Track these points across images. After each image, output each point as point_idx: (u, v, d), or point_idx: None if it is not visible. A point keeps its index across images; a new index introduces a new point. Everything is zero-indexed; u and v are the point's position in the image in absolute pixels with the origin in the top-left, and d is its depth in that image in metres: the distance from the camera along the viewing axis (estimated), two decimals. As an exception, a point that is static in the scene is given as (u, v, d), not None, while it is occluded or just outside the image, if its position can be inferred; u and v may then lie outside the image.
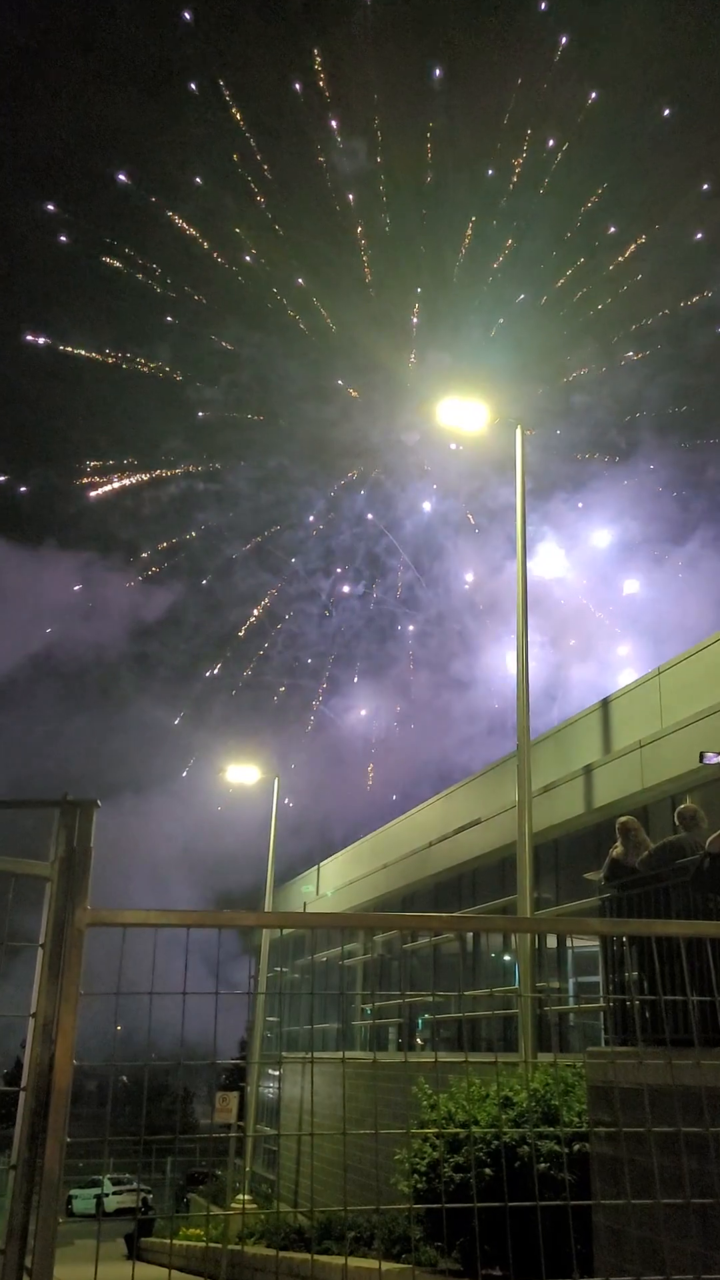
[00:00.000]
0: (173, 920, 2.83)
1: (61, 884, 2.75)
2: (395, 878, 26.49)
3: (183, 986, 2.97)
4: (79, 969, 2.65)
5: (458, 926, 19.89)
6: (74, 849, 2.79)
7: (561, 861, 18.76)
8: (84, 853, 2.79)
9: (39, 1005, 2.65)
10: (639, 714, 16.83)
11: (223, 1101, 22.59)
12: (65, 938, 2.68)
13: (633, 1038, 7.59)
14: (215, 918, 3.07)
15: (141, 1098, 54.70)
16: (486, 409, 16.42)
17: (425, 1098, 10.46)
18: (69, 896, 2.74)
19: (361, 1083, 17.98)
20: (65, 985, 2.64)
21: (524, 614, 15.44)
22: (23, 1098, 2.59)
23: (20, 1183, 2.53)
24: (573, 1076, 9.57)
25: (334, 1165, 19.76)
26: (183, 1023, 2.89)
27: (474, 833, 21.68)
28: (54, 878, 2.76)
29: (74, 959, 2.66)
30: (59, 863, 2.77)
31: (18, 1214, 2.51)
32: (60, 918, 2.71)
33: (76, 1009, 2.62)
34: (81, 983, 2.66)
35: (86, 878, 2.76)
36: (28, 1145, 2.54)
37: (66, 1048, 2.58)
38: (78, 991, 2.63)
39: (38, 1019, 2.63)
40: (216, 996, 3.03)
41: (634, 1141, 6.17)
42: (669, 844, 9.00)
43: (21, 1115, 2.58)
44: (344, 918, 11.90)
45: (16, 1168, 2.53)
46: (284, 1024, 35.84)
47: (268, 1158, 31.53)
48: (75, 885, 2.74)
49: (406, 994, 24.02)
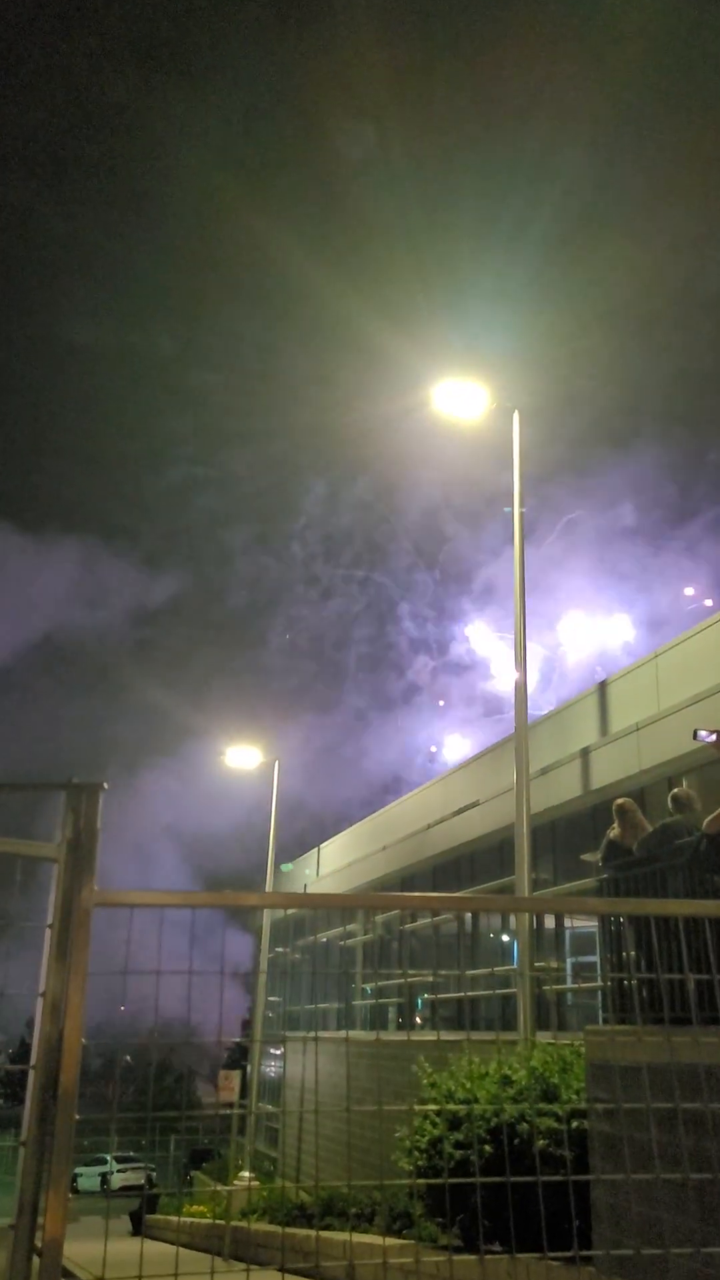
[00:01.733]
0: (179, 900, 2.87)
1: (69, 865, 2.79)
2: (394, 859, 26.63)
3: (188, 965, 3.01)
4: (87, 949, 2.69)
5: (461, 906, 20.01)
6: (80, 831, 2.83)
7: (559, 843, 18.86)
8: (90, 834, 2.83)
9: (48, 984, 2.69)
10: (637, 697, 16.89)
11: (225, 1080, 22.81)
12: (73, 918, 2.72)
13: (631, 1016, 7.67)
14: (221, 898, 3.12)
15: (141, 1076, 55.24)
16: (486, 393, 16.34)
17: (425, 1076, 10.57)
18: (76, 877, 2.77)
19: (363, 1061, 18.14)
20: (73, 965, 2.68)
21: (521, 598, 15.47)
22: (32, 1075, 2.63)
23: (30, 1159, 2.58)
24: (571, 1054, 9.67)
25: (335, 1143, 19.95)
26: (189, 1002, 2.93)
27: (472, 815, 21.78)
28: (61, 859, 2.79)
29: (81, 939, 2.70)
30: (66, 844, 2.81)
31: (28, 1190, 2.56)
32: (68, 898, 2.75)
33: (85, 988, 2.66)
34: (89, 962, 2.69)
35: (93, 859, 2.80)
36: (38, 1122, 2.59)
37: (75, 1026, 2.63)
38: (86, 971, 2.68)
39: (47, 998, 2.68)
40: (221, 976, 3.07)
41: (631, 1118, 6.25)
42: (666, 826, 9.06)
43: (31, 1093, 2.63)
44: (346, 898, 11.99)
45: (27, 1144, 2.58)
46: (286, 1003, 36.09)
47: (269, 1135, 31.83)
48: (82, 866, 2.78)
49: (408, 974, 24.18)
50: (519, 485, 15.99)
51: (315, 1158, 21.24)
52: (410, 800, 27.98)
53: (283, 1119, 29.32)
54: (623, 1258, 6.43)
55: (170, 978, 2.99)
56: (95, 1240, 2.60)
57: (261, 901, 2.98)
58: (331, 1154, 19.92)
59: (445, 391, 16.55)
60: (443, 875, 23.86)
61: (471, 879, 22.10)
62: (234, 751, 33.32)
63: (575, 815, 18.21)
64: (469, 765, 24.30)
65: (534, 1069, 9.61)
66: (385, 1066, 16.13)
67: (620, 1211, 6.98)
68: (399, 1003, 25.00)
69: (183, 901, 2.89)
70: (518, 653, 15.28)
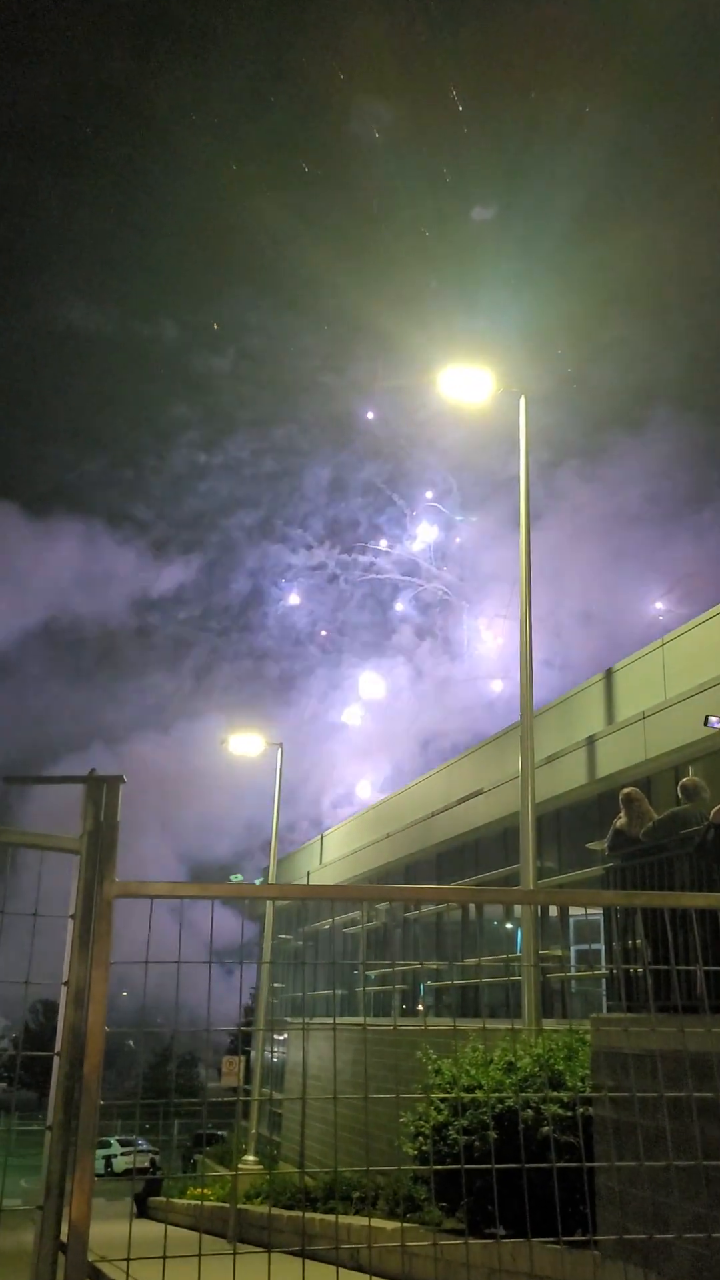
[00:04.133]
0: (197, 892, 2.92)
1: (89, 857, 2.83)
2: (398, 847, 26.73)
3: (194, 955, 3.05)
4: (109, 939, 2.73)
5: (473, 898, 20.07)
6: (101, 823, 2.86)
7: (564, 831, 18.93)
8: (111, 827, 2.86)
9: (71, 973, 2.74)
10: (643, 685, 16.90)
11: (229, 1065, 22.96)
12: (94, 909, 2.77)
13: (636, 1004, 7.72)
14: (238, 889, 3.16)
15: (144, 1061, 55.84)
16: (491, 378, 16.30)
17: (430, 1062, 10.65)
18: (97, 869, 2.81)
19: (366, 1048, 18.24)
20: (95, 954, 2.73)
21: (527, 585, 15.47)
22: (57, 1062, 2.68)
23: (56, 1143, 2.63)
24: (576, 1042, 9.73)
25: (339, 1128, 20.10)
26: (209, 991, 2.97)
27: (476, 803, 21.85)
28: (82, 851, 2.83)
29: (103, 929, 2.74)
30: (87, 836, 2.85)
31: (54, 1174, 2.61)
32: (89, 889, 2.79)
33: (107, 977, 2.71)
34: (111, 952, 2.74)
35: (113, 851, 2.84)
36: (62, 1107, 2.64)
37: (99, 1014, 2.68)
38: (108, 960, 2.72)
39: (70, 987, 2.72)
40: (241, 965, 3.11)
41: (635, 1105, 6.31)
42: (674, 815, 9.10)
43: (56, 1079, 2.68)
44: (359, 890, 12.03)
45: (53, 1129, 2.63)
46: (288, 990, 36.29)
47: (272, 1120, 32.07)
48: (103, 858, 2.82)
49: (396, 965, 24.30)
50: (525, 470, 15.98)
51: (335, 1143, 21.39)
52: (414, 788, 28.06)
53: (284, 1104, 29.53)
54: (625, 1242, 6.50)
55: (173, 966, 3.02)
56: (98, 1222, 2.64)
57: (280, 893, 3.01)
58: (333, 1138, 20.06)
59: (451, 376, 16.51)
60: (447, 863, 23.96)
61: (476, 867, 22.18)
62: (237, 739, 33.20)
63: (581, 804, 18.26)
64: (474, 753, 24.35)
65: (539, 1056, 9.68)
66: (391, 1053, 16.23)
67: (625, 1197, 7.05)
68: (402, 990, 25.14)
69: (200, 893, 2.93)
70: (523, 640, 15.29)
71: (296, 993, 34.72)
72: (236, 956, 3.74)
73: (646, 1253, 6.43)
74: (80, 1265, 2.58)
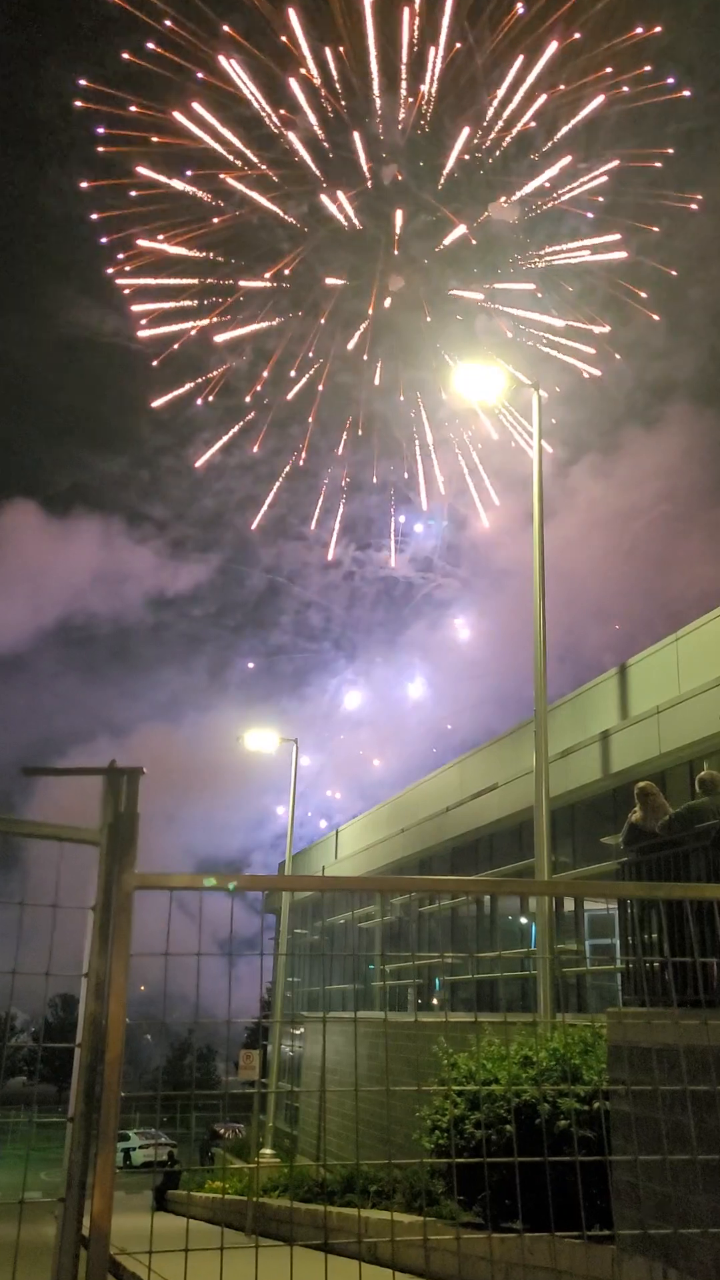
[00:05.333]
0: (217, 883, 2.91)
1: (110, 849, 2.83)
2: (412, 842, 26.71)
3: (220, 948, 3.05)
4: (129, 930, 2.73)
5: (491, 889, 20.04)
6: (121, 815, 2.86)
7: (579, 826, 18.88)
8: (130, 819, 2.86)
9: (91, 965, 2.74)
10: (657, 679, 16.83)
11: (246, 1059, 23.01)
12: (114, 900, 2.76)
13: (654, 998, 7.70)
14: (256, 881, 3.16)
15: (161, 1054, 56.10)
16: (504, 375, 16.25)
17: (445, 1056, 10.65)
18: (117, 860, 2.81)
19: (382, 1042, 18.28)
20: (115, 946, 2.73)
21: (541, 579, 15.42)
22: (78, 1053, 2.69)
23: (78, 1135, 2.63)
24: (591, 1036, 9.71)
25: (353, 1121, 20.13)
26: (229, 984, 2.97)
27: (491, 797, 21.81)
28: (103, 843, 2.83)
29: (123, 921, 2.74)
30: (107, 828, 2.85)
31: (76, 1165, 2.61)
32: (109, 881, 2.79)
33: (128, 969, 2.71)
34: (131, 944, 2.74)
35: (134, 843, 2.83)
36: (84, 1099, 2.64)
37: (119, 1006, 2.68)
38: (128, 952, 2.72)
39: (91, 979, 2.72)
40: (263, 958, 3.10)
41: (651, 1099, 6.29)
42: (690, 808, 9.06)
43: (77, 1071, 2.68)
44: (376, 881, 12.04)
45: (74, 1120, 2.64)
46: (305, 985, 36.36)
47: (289, 1114, 32.15)
48: (123, 850, 2.82)
49: (416, 956, 24.31)
50: (539, 465, 15.92)
51: (358, 1136, 21.45)
52: (428, 783, 28.03)
53: (301, 1097, 29.60)
54: (643, 1237, 6.49)
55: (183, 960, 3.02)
56: (117, 1215, 2.64)
57: (298, 884, 3.03)
58: (350, 1132, 20.11)
59: (465, 373, 16.49)
60: (461, 858, 23.93)
61: (490, 861, 22.15)
62: (252, 735, 33.24)
63: (595, 798, 18.20)
64: (487, 748, 24.31)
65: (555, 1050, 9.66)
66: (406, 1047, 16.25)
67: (641, 1191, 7.04)
68: (417, 984, 25.15)
69: (221, 884, 2.93)
70: (536, 635, 15.24)
71: (313, 987, 34.78)
72: (252, 949, 3.74)
73: (665, 1247, 6.42)
74: (102, 1259, 2.59)
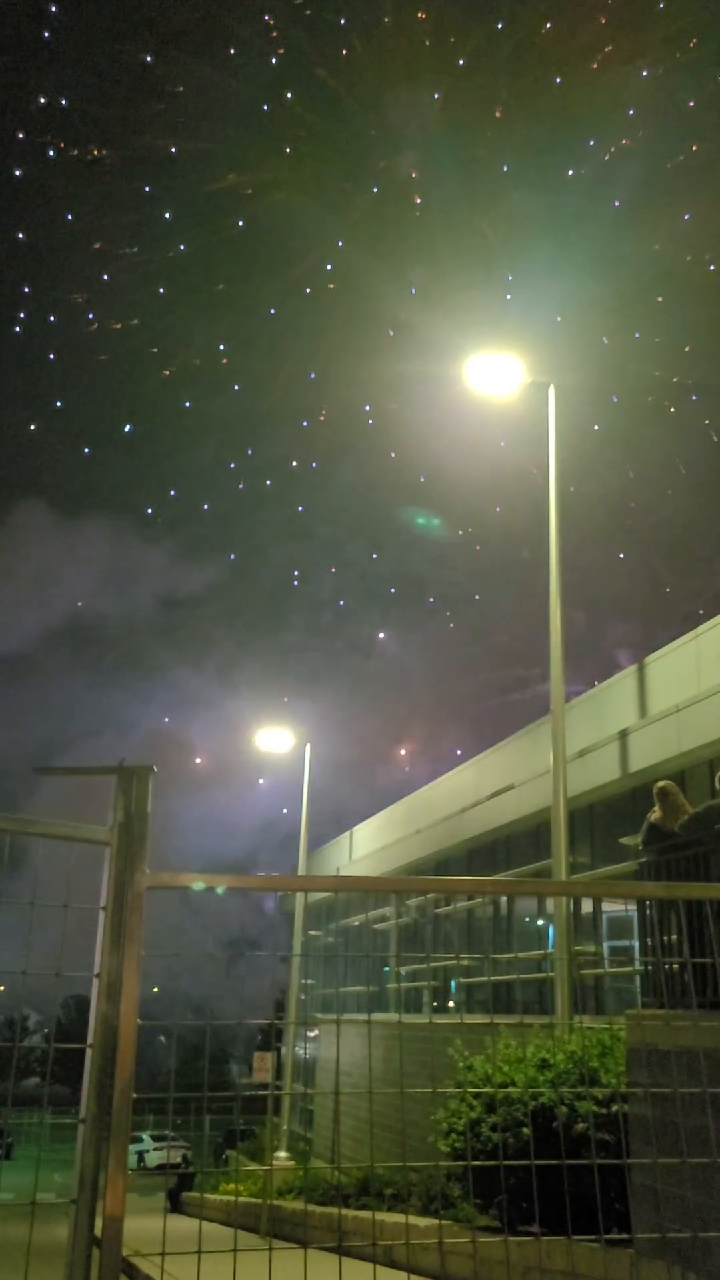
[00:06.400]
0: (230, 883, 2.88)
1: (121, 848, 2.80)
2: (428, 843, 26.64)
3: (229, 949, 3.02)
4: (140, 930, 2.71)
5: (509, 889, 19.93)
6: (131, 814, 2.84)
7: (597, 826, 18.77)
8: (141, 818, 2.84)
9: (103, 965, 2.72)
10: (676, 678, 16.72)
11: (260, 1061, 23.03)
12: (126, 900, 2.74)
13: (674, 1000, 7.63)
14: (268, 881, 3.13)
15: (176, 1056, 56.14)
16: (522, 367, 16.10)
17: (461, 1059, 10.59)
18: (128, 860, 2.79)
19: (397, 1045, 18.22)
20: (127, 946, 2.70)
21: (558, 577, 15.33)
22: (90, 1054, 2.66)
23: (90, 1135, 2.60)
24: (610, 1039, 9.63)
25: (368, 1124, 20.09)
26: (243, 981, 2.93)
27: (507, 798, 21.72)
28: (113, 842, 2.81)
29: (135, 921, 2.72)
30: (118, 828, 2.82)
31: (88, 1165, 2.59)
32: (121, 881, 2.77)
33: (139, 969, 2.68)
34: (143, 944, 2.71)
35: (145, 842, 2.81)
36: (96, 1099, 2.62)
37: (131, 1006, 2.65)
38: (139, 952, 2.69)
39: (102, 978, 2.70)
40: (287, 958, 3.07)
41: (671, 1102, 6.23)
42: (711, 808, 8.97)
43: (89, 1071, 2.65)
44: (393, 881, 11.97)
45: (86, 1121, 2.61)
46: (319, 987, 36.34)
47: (304, 1116, 32.12)
48: (134, 849, 2.79)
49: (431, 958, 24.25)
50: (554, 463, 15.82)
51: (372, 1140, 21.41)
52: (444, 783, 27.95)
53: (315, 1100, 29.57)
54: (662, 1241, 6.42)
55: (191, 962, 3.00)
56: (131, 1218, 2.61)
57: (312, 884, 3.00)
58: (365, 1135, 20.05)
59: (478, 367, 16.32)
60: (478, 859, 23.85)
61: (507, 863, 22.06)
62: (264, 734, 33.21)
63: (613, 798, 18.10)
64: (504, 748, 24.22)
65: (573, 1053, 9.59)
66: (422, 1050, 16.19)
67: (661, 1195, 6.97)
68: (434, 986, 25.08)
69: (234, 883, 2.90)
70: (553, 633, 15.16)
71: (328, 989, 34.75)
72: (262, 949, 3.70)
73: (684, 1252, 6.35)
74: (115, 1260, 2.56)
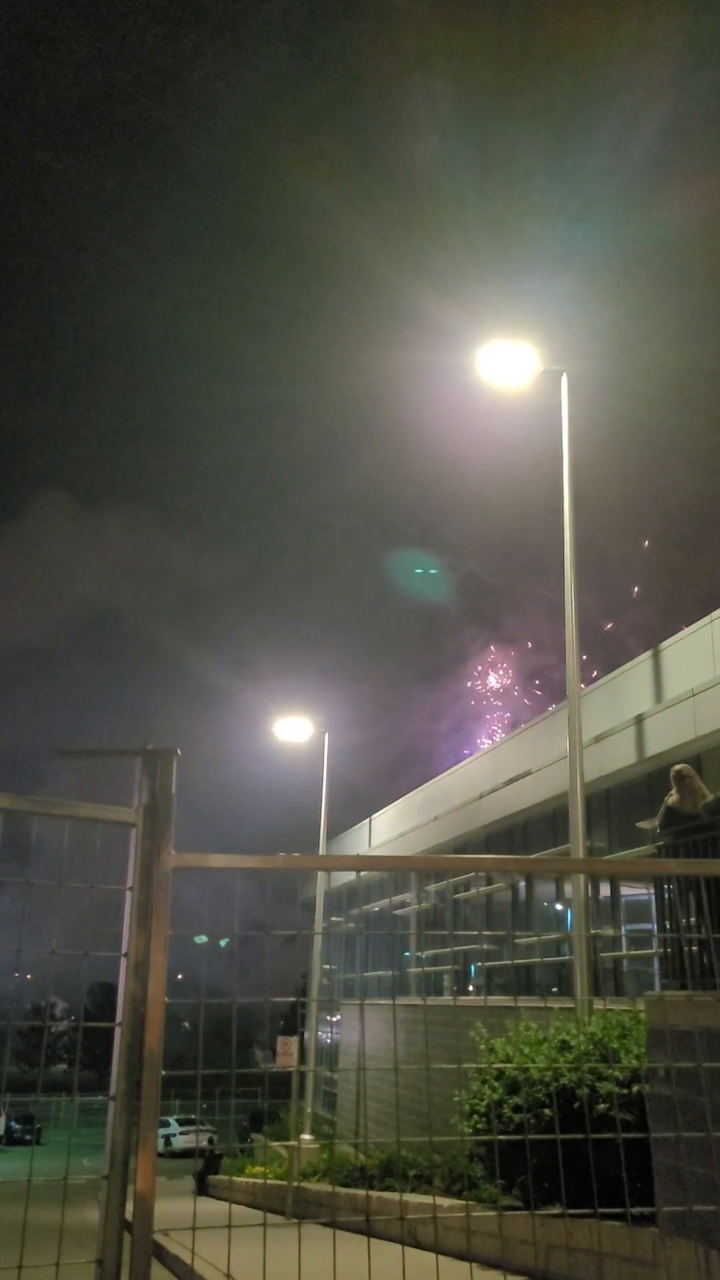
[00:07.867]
0: (255, 864, 2.92)
1: (147, 830, 2.84)
2: (446, 829, 26.71)
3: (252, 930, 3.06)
4: (167, 910, 2.75)
5: (529, 868, 19.96)
6: (157, 796, 2.88)
7: (614, 811, 18.76)
8: (166, 799, 2.88)
9: (131, 945, 2.76)
10: (692, 662, 16.67)
11: (284, 1046, 23.18)
12: (153, 881, 2.78)
13: (694, 981, 7.65)
14: (292, 861, 3.16)
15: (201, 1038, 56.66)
16: (535, 356, 15.99)
17: (482, 1041, 10.65)
18: (154, 841, 2.83)
19: (420, 1029, 18.33)
20: (154, 926, 2.74)
21: (572, 564, 15.28)
22: (118, 1033, 2.71)
23: (120, 1113, 2.66)
24: (630, 1020, 9.67)
25: (391, 1106, 20.22)
26: (265, 961, 2.98)
27: (525, 784, 21.74)
28: (139, 824, 2.85)
29: (161, 901, 2.76)
30: (143, 810, 2.86)
31: (118, 1143, 2.64)
32: (147, 862, 2.81)
33: (166, 948, 2.73)
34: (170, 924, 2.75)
35: (170, 824, 2.85)
36: (125, 1077, 2.67)
37: (159, 985, 2.70)
38: (166, 931, 2.74)
39: (130, 958, 2.74)
40: (316, 937, 3.11)
41: (694, 1081, 6.26)
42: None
43: (118, 1049, 2.70)
44: (416, 860, 11.96)
45: (116, 1099, 2.66)
46: (341, 972, 36.53)
47: (328, 1099, 32.36)
48: (160, 831, 2.83)
49: (455, 933, 24.35)
50: (568, 453, 15.74)
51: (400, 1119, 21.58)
52: (462, 770, 28.00)
53: (339, 1084, 29.78)
54: (685, 1219, 6.47)
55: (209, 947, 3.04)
56: (159, 1200, 2.65)
57: (332, 864, 3.03)
58: (388, 1117, 20.20)
59: (491, 355, 16.22)
60: (495, 844, 23.89)
61: (525, 848, 22.09)
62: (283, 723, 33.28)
63: (630, 783, 18.08)
64: (521, 734, 24.22)
65: (593, 1035, 9.63)
66: (444, 1032, 16.27)
67: (683, 1174, 7.01)
68: (454, 970, 25.18)
69: (259, 864, 2.94)
70: (569, 619, 15.13)
71: (350, 974, 34.93)
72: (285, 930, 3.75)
73: (707, 1229, 6.40)
74: (146, 1238, 2.61)
